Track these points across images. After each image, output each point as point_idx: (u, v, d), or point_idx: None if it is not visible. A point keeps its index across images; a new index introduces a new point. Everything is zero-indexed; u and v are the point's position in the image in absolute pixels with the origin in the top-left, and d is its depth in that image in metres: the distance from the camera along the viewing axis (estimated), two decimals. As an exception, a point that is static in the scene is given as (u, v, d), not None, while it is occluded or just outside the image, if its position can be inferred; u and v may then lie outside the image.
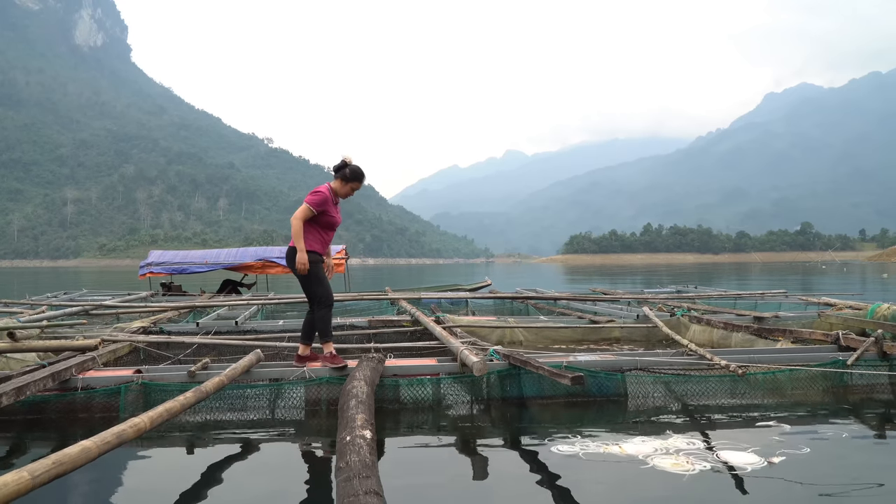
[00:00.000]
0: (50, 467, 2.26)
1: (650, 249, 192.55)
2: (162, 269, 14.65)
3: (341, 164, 4.95)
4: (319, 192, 4.88)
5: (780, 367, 4.81)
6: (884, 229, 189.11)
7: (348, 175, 4.94)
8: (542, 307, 10.39)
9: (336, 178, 4.98)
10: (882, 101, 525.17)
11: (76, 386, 4.41)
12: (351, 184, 4.96)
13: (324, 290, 4.96)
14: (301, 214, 4.82)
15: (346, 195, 5.01)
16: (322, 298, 4.97)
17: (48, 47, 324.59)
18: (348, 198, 5.09)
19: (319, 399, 4.46)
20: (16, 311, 9.10)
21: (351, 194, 5.03)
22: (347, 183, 4.95)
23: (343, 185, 4.95)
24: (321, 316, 4.96)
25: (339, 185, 4.96)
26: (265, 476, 3.23)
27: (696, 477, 3.07)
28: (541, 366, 4.31)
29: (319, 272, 4.95)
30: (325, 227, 4.96)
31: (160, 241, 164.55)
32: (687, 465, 3.20)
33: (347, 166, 4.93)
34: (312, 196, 4.86)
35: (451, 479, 3.20)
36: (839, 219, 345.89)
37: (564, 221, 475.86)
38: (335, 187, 4.96)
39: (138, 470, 3.43)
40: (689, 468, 3.17)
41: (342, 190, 4.97)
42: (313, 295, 5.00)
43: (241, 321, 7.95)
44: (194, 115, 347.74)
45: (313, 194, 4.87)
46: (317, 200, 4.83)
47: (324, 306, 4.97)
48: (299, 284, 5.05)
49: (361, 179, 5.01)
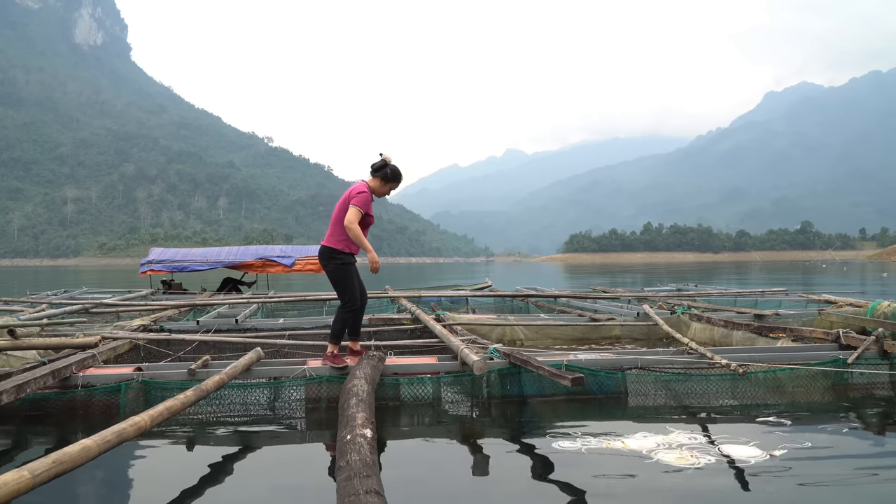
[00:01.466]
0: (50, 466, 2.26)
1: (650, 248, 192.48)
2: (163, 266, 14.63)
3: (381, 164, 4.87)
4: (364, 192, 4.78)
5: (780, 366, 4.81)
6: (884, 228, 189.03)
7: (389, 175, 4.88)
8: (543, 305, 10.38)
9: (375, 176, 4.89)
10: (882, 100, 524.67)
11: (76, 383, 4.40)
12: (390, 184, 4.92)
13: (350, 294, 4.89)
14: (355, 217, 4.70)
15: (383, 195, 4.95)
16: (347, 301, 4.91)
17: (48, 46, 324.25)
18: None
19: (320, 397, 4.45)
20: (16, 309, 9.09)
21: (388, 194, 4.97)
22: (387, 183, 4.89)
23: (383, 185, 4.89)
24: (340, 317, 4.92)
25: (378, 185, 4.88)
26: (266, 474, 3.22)
27: (700, 470, 3.08)
28: (541, 366, 4.30)
29: (350, 274, 4.89)
30: (363, 226, 4.87)
31: (160, 240, 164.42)
32: (691, 459, 3.22)
33: (388, 166, 4.86)
34: (360, 196, 4.75)
35: (451, 478, 3.20)
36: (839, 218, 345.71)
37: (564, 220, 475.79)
38: (373, 186, 4.88)
39: (139, 468, 3.42)
40: (693, 462, 3.18)
41: (381, 189, 4.91)
42: (340, 296, 4.96)
43: (241, 319, 7.95)
44: (194, 114, 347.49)
45: (360, 195, 4.76)
46: (364, 200, 4.74)
47: (346, 309, 4.92)
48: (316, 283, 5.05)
49: (400, 180, 4.96)
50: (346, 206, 4.80)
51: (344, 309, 4.92)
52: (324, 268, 4.94)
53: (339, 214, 4.84)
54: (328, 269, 4.92)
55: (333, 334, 4.90)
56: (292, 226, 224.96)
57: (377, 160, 4.90)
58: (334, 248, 4.84)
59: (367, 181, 4.90)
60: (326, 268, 4.92)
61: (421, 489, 3.04)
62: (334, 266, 4.87)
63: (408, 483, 3.07)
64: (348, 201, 4.80)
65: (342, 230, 4.79)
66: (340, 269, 4.85)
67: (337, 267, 4.86)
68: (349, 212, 4.71)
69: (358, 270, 5.03)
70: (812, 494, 2.87)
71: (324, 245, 4.91)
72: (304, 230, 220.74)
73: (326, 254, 4.88)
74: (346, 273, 4.87)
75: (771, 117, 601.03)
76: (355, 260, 4.95)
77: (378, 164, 4.88)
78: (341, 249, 4.82)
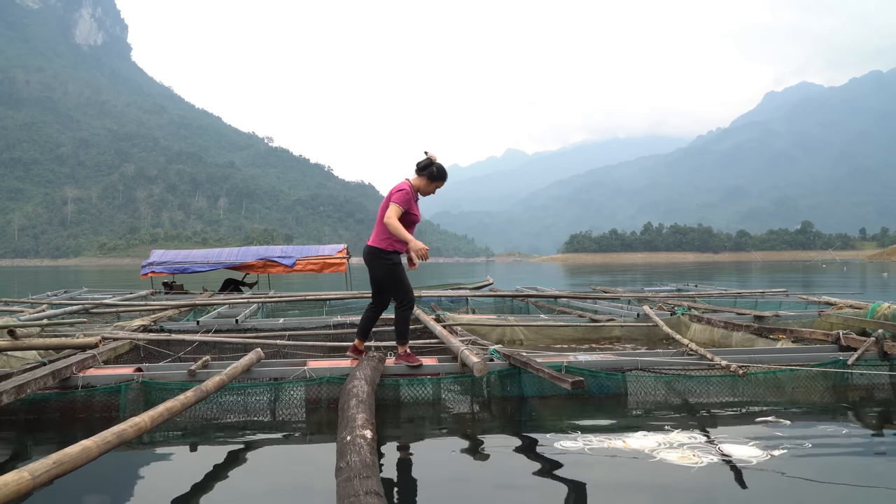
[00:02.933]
0: (50, 467, 2.26)
1: (650, 248, 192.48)
2: (164, 268, 14.65)
3: (427, 162, 4.82)
4: (404, 189, 4.73)
5: (780, 367, 4.81)
6: (884, 228, 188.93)
7: (435, 174, 4.83)
8: (543, 306, 10.38)
9: (421, 175, 4.83)
10: (882, 99, 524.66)
11: (76, 384, 4.40)
12: (436, 183, 4.87)
13: (406, 292, 4.87)
14: (395, 214, 4.64)
15: (428, 193, 4.90)
16: (404, 299, 4.88)
17: (48, 46, 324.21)
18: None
19: (320, 398, 4.46)
20: (16, 309, 9.09)
21: (433, 193, 4.93)
22: (433, 182, 4.85)
23: (428, 184, 4.84)
24: (402, 316, 4.90)
25: (423, 183, 4.84)
26: (265, 475, 3.22)
27: (703, 469, 3.09)
28: (541, 368, 4.30)
29: (401, 272, 4.88)
30: (407, 224, 4.81)
31: (160, 240, 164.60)
32: (694, 458, 3.22)
33: (433, 164, 4.82)
34: (399, 194, 4.70)
35: (452, 479, 3.20)
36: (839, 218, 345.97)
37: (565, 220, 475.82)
38: (418, 185, 4.84)
39: (139, 469, 3.42)
40: (696, 461, 3.18)
41: (427, 188, 4.86)
42: (395, 295, 4.93)
43: (241, 319, 7.95)
44: (194, 115, 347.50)
45: (399, 192, 4.71)
46: (404, 198, 4.70)
47: (405, 307, 4.90)
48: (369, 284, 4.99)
49: (446, 178, 4.92)
50: (388, 205, 4.76)
51: (403, 307, 4.90)
52: (371, 269, 4.90)
53: (383, 213, 4.79)
54: (377, 271, 4.87)
55: (401, 334, 4.89)
56: (292, 226, 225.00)
57: (422, 158, 4.86)
58: (380, 248, 4.81)
59: (412, 180, 4.86)
60: (374, 269, 4.87)
61: (421, 490, 3.04)
62: (384, 267, 4.83)
63: (408, 484, 3.08)
64: (390, 200, 4.78)
65: (386, 229, 4.75)
66: (390, 269, 4.83)
67: (387, 267, 4.83)
68: (389, 208, 4.68)
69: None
70: (813, 495, 2.87)
71: (369, 245, 4.87)
72: (305, 230, 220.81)
73: (373, 254, 4.84)
74: (396, 272, 4.85)
75: (771, 117, 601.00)
76: (401, 259, 4.92)
77: (424, 163, 4.83)
78: (387, 249, 4.80)
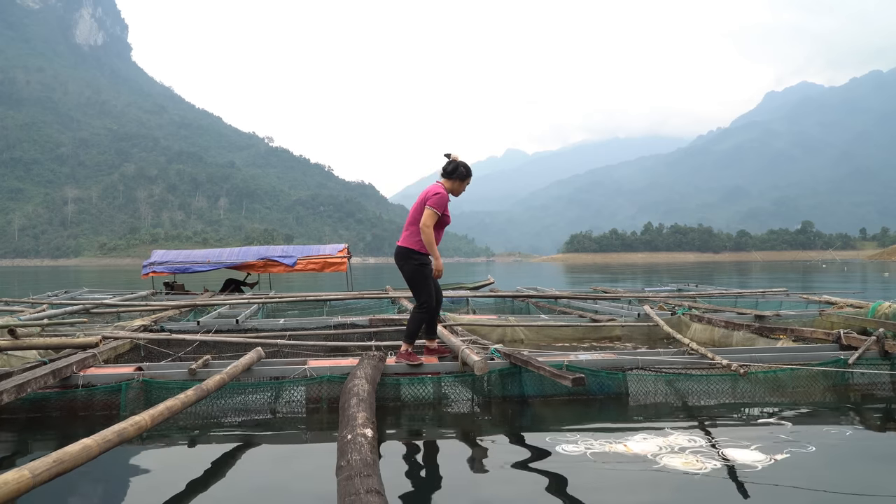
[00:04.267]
0: (51, 465, 2.26)
1: (651, 248, 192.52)
2: (165, 268, 14.67)
3: (454, 166, 4.92)
4: (440, 193, 4.82)
5: (781, 366, 4.80)
6: (884, 228, 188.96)
7: (464, 173, 4.94)
8: (543, 306, 10.38)
9: (451, 178, 4.93)
10: (883, 99, 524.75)
11: (77, 383, 4.40)
12: (465, 181, 4.99)
13: (427, 295, 4.94)
14: (431, 221, 4.75)
15: (460, 193, 5.02)
16: (423, 302, 4.95)
17: (48, 46, 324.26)
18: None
19: (320, 397, 4.45)
20: (17, 309, 9.09)
21: (462, 191, 5.05)
22: (463, 181, 4.97)
23: (459, 184, 4.96)
24: (416, 317, 4.98)
25: (455, 185, 4.95)
26: (266, 474, 3.22)
27: (708, 475, 3.04)
28: (542, 366, 4.30)
29: (427, 275, 4.93)
30: (440, 226, 4.91)
31: (161, 240, 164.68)
32: (698, 464, 3.18)
33: (460, 165, 4.93)
34: (435, 198, 4.78)
35: (452, 478, 3.19)
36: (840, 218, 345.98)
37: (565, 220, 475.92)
38: (450, 187, 4.94)
39: (139, 468, 3.42)
40: (700, 467, 3.14)
41: (459, 188, 4.99)
42: (416, 296, 4.99)
43: (241, 320, 7.95)
44: (195, 115, 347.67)
45: (436, 196, 4.79)
46: (440, 202, 4.79)
47: (422, 309, 4.96)
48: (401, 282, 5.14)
49: (471, 175, 5.04)
50: (422, 207, 4.83)
51: (420, 309, 4.97)
52: (400, 268, 4.97)
53: (416, 215, 4.88)
54: (405, 269, 4.94)
55: (408, 334, 4.94)
56: (293, 226, 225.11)
57: (447, 163, 4.96)
58: (411, 249, 4.88)
59: (442, 182, 4.95)
60: (403, 268, 4.94)
61: (422, 489, 3.03)
62: (411, 267, 4.89)
63: (408, 483, 3.07)
64: (424, 202, 4.83)
65: (418, 231, 4.83)
66: (418, 269, 4.88)
67: (414, 268, 4.88)
68: (425, 214, 4.76)
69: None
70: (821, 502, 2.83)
71: (400, 245, 4.95)
72: (305, 230, 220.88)
73: (403, 254, 4.91)
74: (423, 274, 4.90)
75: (771, 117, 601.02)
76: (430, 261, 4.97)
77: (451, 167, 4.93)
78: (418, 250, 4.86)
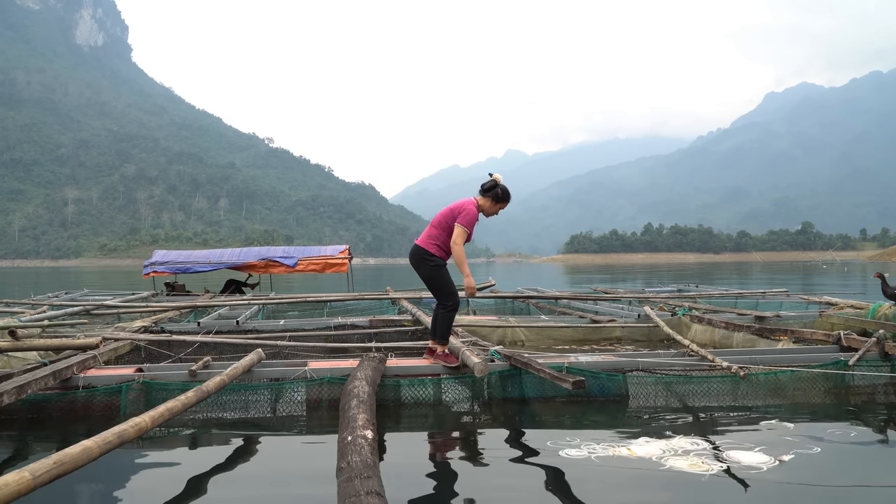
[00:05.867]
0: (51, 467, 2.26)
1: (651, 249, 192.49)
2: (166, 268, 14.68)
3: (492, 184, 4.91)
4: (471, 211, 4.84)
5: (781, 368, 4.80)
6: (884, 229, 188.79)
7: (500, 195, 4.92)
8: (544, 307, 10.38)
9: (486, 196, 4.93)
10: (883, 100, 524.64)
11: (77, 384, 4.40)
12: (501, 203, 4.97)
13: (451, 293, 4.93)
14: (461, 239, 4.79)
15: (491, 214, 5.00)
16: (449, 301, 4.94)
17: (49, 47, 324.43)
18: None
19: (320, 399, 4.45)
20: (17, 310, 9.09)
21: (496, 214, 5.02)
22: (498, 203, 4.95)
23: (493, 205, 4.94)
24: (444, 316, 4.94)
25: (488, 204, 4.93)
26: (266, 476, 3.22)
27: (715, 477, 3.03)
28: (542, 368, 4.30)
29: (446, 274, 4.95)
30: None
31: (161, 240, 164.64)
32: (703, 466, 3.16)
33: (498, 185, 4.91)
34: (466, 217, 4.81)
35: (452, 479, 3.19)
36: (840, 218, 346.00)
37: (565, 221, 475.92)
38: (483, 205, 4.95)
39: (139, 469, 3.42)
40: (706, 469, 3.13)
41: (492, 209, 4.95)
42: (439, 297, 4.99)
43: (242, 321, 7.95)
44: (195, 115, 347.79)
45: (466, 213, 4.82)
46: (471, 221, 4.83)
47: (448, 308, 4.95)
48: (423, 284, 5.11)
49: (509, 199, 5.02)
50: (450, 217, 4.86)
51: (446, 308, 4.94)
52: (416, 268, 4.97)
53: (441, 220, 4.90)
54: (421, 271, 4.95)
55: (441, 335, 4.92)
56: (293, 226, 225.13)
57: (487, 180, 4.95)
58: (426, 250, 4.90)
59: (477, 199, 4.96)
60: (419, 268, 4.95)
61: (422, 490, 3.03)
62: (428, 268, 4.91)
63: (408, 484, 3.07)
64: (453, 214, 4.86)
65: (439, 235, 4.88)
66: (435, 270, 4.89)
67: (431, 269, 4.90)
68: (455, 231, 4.78)
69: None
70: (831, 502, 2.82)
71: (417, 245, 4.96)
72: (305, 231, 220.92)
73: (419, 254, 4.92)
74: (441, 274, 4.91)
75: (771, 118, 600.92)
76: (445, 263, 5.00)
77: (489, 185, 4.92)
78: (434, 253, 4.88)
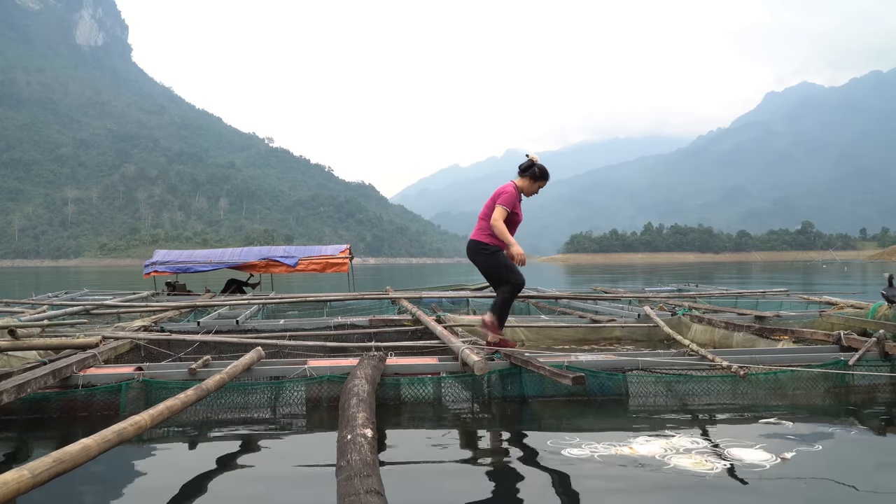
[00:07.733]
0: (50, 465, 2.26)
1: (651, 249, 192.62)
2: (166, 268, 14.70)
3: (529, 163, 5.11)
4: (508, 191, 5.02)
5: (781, 368, 4.80)
6: (884, 228, 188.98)
7: (537, 174, 5.11)
8: (544, 306, 10.38)
9: (524, 176, 5.12)
10: (883, 99, 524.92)
11: (77, 383, 4.40)
12: (539, 182, 5.14)
13: (513, 272, 5.06)
14: (500, 216, 4.95)
15: (532, 193, 5.17)
16: (514, 280, 5.05)
17: (49, 47, 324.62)
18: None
19: (320, 397, 4.45)
20: (17, 310, 9.09)
21: (536, 192, 5.17)
22: (536, 181, 5.11)
23: (531, 184, 5.12)
24: (506, 298, 5.06)
25: (527, 184, 5.12)
26: (265, 474, 3.22)
27: (719, 475, 3.03)
28: (542, 366, 4.30)
29: (501, 258, 5.07)
30: (511, 224, 5.07)
31: (161, 240, 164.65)
32: (707, 465, 3.16)
33: (535, 165, 5.09)
34: (505, 196, 4.98)
35: (452, 478, 3.19)
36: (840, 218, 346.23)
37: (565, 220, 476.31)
38: (522, 186, 5.12)
39: (139, 468, 3.42)
40: (710, 467, 3.13)
41: (531, 188, 5.14)
42: (503, 280, 5.09)
43: (242, 320, 7.95)
44: (195, 115, 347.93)
45: (504, 194, 4.99)
46: (510, 200, 4.98)
47: (513, 287, 5.05)
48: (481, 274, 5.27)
49: (548, 178, 5.19)
50: (493, 204, 5.05)
51: (511, 288, 5.05)
52: (474, 261, 5.17)
53: (486, 211, 5.11)
54: (479, 262, 5.14)
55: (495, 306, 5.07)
56: (293, 226, 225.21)
57: (524, 160, 5.15)
58: (480, 241, 5.10)
59: (516, 181, 5.12)
60: (476, 260, 5.14)
61: (421, 489, 3.03)
62: (484, 256, 5.09)
63: (408, 483, 3.07)
64: (494, 201, 5.05)
65: (487, 226, 5.05)
66: (490, 256, 5.06)
67: (487, 257, 5.09)
68: (495, 211, 4.97)
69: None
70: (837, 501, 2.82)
71: (472, 240, 5.17)
72: (305, 230, 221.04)
73: (474, 248, 5.14)
74: (498, 258, 5.07)
75: (771, 117, 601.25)
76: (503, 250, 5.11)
77: (526, 164, 5.12)
78: (487, 242, 5.05)
